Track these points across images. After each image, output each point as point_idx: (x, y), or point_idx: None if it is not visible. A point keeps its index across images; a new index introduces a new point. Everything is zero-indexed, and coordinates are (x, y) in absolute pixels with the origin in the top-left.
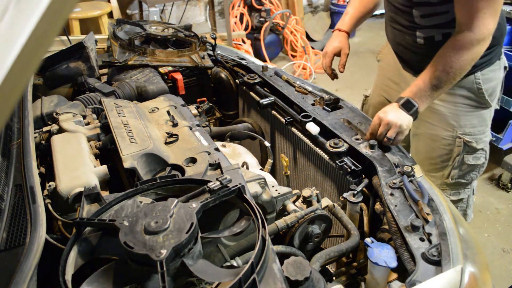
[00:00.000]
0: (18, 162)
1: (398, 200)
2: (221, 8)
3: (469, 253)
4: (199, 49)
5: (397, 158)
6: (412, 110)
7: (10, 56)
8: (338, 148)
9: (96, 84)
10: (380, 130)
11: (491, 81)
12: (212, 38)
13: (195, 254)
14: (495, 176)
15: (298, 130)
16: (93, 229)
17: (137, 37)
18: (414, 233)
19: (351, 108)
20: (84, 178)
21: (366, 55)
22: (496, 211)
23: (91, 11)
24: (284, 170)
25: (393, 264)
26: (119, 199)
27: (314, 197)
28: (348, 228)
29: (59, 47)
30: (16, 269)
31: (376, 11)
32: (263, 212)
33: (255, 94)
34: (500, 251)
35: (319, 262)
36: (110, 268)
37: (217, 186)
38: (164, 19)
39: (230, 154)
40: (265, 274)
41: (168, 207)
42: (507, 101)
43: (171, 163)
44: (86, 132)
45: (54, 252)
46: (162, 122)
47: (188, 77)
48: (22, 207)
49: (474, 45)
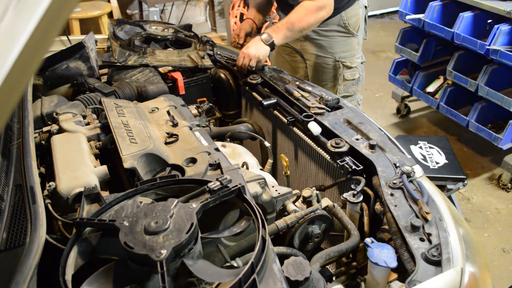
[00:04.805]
0: (18, 162)
1: (398, 200)
2: (221, 8)
3: (469, 253)
4: (199, 49)
5: (397, 158)
6: (269, 42)
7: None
8: (339, 148)
9: (96, 84)
10: (244, 62)
11: (353, 17)
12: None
13: (195, 254)
14: (495, 176)
15: (300, 130)
16: (93, 229)
17: (137, 37)
18: (414, 233)
19: (351, 108)
20: (84, 178)
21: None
22: (496, 211)
23: (91, 11)
24: (284, 170)
25: (393, 264)
26: (119, 199)
27: (314, 197)
28: (348, 228)
29: (59, 47)
30: (16, 269)
31: (373, 11)
32: (263, 212)
33: (257, 94)
34: (500, 251)
35: (319, 262)
36: (110, 268)
37: (217, 186)
38: (164, 19)
39: (230, 154)
40: (265, 274)
41: (168, 207)
42: (507, 101)
43: (171, 163)
44: (86, 132)
45: (54, 252)
46: (162, 122)
47: (188, 77)
48: (22, 207)
49: (317, 10)
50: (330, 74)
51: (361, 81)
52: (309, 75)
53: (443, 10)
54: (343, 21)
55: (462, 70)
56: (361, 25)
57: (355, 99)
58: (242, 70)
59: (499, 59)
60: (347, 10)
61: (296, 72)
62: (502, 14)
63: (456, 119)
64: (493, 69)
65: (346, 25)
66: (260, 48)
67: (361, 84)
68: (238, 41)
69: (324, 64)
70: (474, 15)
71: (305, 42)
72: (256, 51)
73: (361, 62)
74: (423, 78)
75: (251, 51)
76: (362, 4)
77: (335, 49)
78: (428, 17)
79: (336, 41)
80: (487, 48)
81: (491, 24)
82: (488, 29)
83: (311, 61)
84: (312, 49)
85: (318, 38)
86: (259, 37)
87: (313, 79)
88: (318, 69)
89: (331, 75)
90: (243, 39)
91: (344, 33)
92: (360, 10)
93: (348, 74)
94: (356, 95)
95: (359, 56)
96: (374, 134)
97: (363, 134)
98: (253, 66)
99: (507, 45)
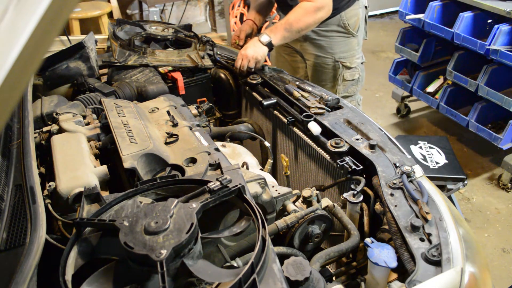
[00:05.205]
0: (18, 162)
1: (398, 200)
2: (221, 8)
3: (469, 253)
4: (199, 49)
5: (397, 158)
6: (267, 42)
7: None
8: (339, 148)
9: (96, 84)
10: (242, 63)
11: (353, 17)
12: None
13: (195, 254)
14: (495, 176)
15: (300, 130)
16: (93, 229)
17: (137, 37)
18: (414, 233)
19: (351, 108)
20: (84, 178)
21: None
22: (496, 211)
23: (91, 11)
24: (284, 170)
25: (393, 264)
26: (119, 199)
27: (314, 197)
28: (348, 228)
29: (59, 47)
30: (16, 269)
31: (373, 11)
32: (263, 212)
33: (257, 94)
34: (500, 251)
35: (319, 262)
36: (110, 268)
37: (217, 186)
38: (164, 19)
39: (230, 154)
40: (265, 274)
41: (168, 207)
42: (507, 101)
43: (171, 163)
44: (86, 132)
45: (54, 252)
46: (162, 122)
47: (188, 77)
48: (22, 207)
49: (315, 11)
50: (330, 74)
51: (361, 81)
52: (309, 75)
53: (443, 10)
54: (343, 21)
55: (462, 70)
56: (361, 25)
57: (355, 99)
58: (241, 72)
59: (499, 59)
60: (347, 10)
61: (296, 72)
62: (502, 14)
63: (456, 119)
64: (493, 69)
65: (346, 26)
66: (258, 49)
67: (361, 85)
68: (239, 43)
69: (323, 64)
70: (474, 15)
71: (305, 42)
72: (254, 52)
73: (361, 63)
74: (423, 78)
75: (249, 52)
76: (362, 4)
77: (335, 49)
78: (428, 17)
79: (335, 41)
80: (487, 48)
81: (491, 24)
82: (488, 29)
83: (310, 61)
84: (312, 49)
85: (318, 38)
86: (257, 38)
87: (312, 79)
88: (317, 69)
89: (330, 75)
90: (243, 40)
91: (343, 34)
92: (360, 11)
93: (348, 74)
94: (356, 95)
95: (359, 57)
96: (374, 134)
97: (363, 134)
98: (252, 68)
99: (507, 45)
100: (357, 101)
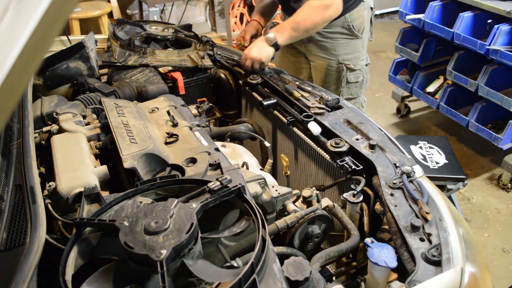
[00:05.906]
0: (18, 162)
1: (398, 200)
2: (221, 8)
3: (469, 253)
4: (199, 49)
5: (397, 158)
6: (273, 42)
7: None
8: (339, 148)
9: (96, 84)
10: (247, 64)
11: (357, 19)
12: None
13: (195, 254)
14: (495, 176)
15: (300, 130)
16: (93, 229)
17: (137, 37)
18: (414, 233)
19: (351, 108)
20: (84, 178)
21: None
22: (496, 211)
23: (91, 11)
24: (284, 170)
25: (393, 264)
26: (119, 199)
27: (314, 197)
28: (348, 228)
29: (59, 47)
30: (16, 269)
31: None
32: (263, 212)
33: (257, 94)
34: (500, 251)
35: (319, 262)
36: (110, 268)
37: (217, 186)
38: (164, 19)
39: (230, 154)
40: (265, 274)
41: (168, 207)
42: (507, 101)
43: (171, 163)
44: (86, 132)
45: (54, 252)
46: (162, 122)
47: (188, 77)
48: (22, 207)
49: (323, 9)
50: (334, 76)
51: (365, 83)
52: (313, 76)
53: (443, 10)
54: (347, 23)
55: (462, 70)
56: (366, 27)
57: (359, 102)
58: (247, 71)
59: (499, 59)
60: (352, 12)
61: (299, 73)
62: (502, 14)
63: (456, 119)
64: (493, 69)
65: (350, 27)
66: (262, 50)
67: (365, 87)
68: (243, 43)
69: (327, 66)
70: (474, 15)
71: (308, 43)
72: (258, 53)
73: (365, 64)
74: (423, 78)
75: (253, 53)
76: (367, 6)
77: (339, 51)
78: (428, 17)
79: (339, 43)
80: (487, 48)
81: (491, 24)
82: (488, 29)
83: (314, 63)
84: (316, 51)
85: (322, 40)
86: (263, 38)
87: (316, 81)
88: (321, 71)
89: (334, 77)
90: (248, 41)
91: (348, 35)
92: (365, 12)
93: (352, 76)
94: (360, 97)
95: (363, 58)
96: (374, 134)
97: (363, 134)
98: (256, 68)
99: (507, 45)
100: (361, 103)
